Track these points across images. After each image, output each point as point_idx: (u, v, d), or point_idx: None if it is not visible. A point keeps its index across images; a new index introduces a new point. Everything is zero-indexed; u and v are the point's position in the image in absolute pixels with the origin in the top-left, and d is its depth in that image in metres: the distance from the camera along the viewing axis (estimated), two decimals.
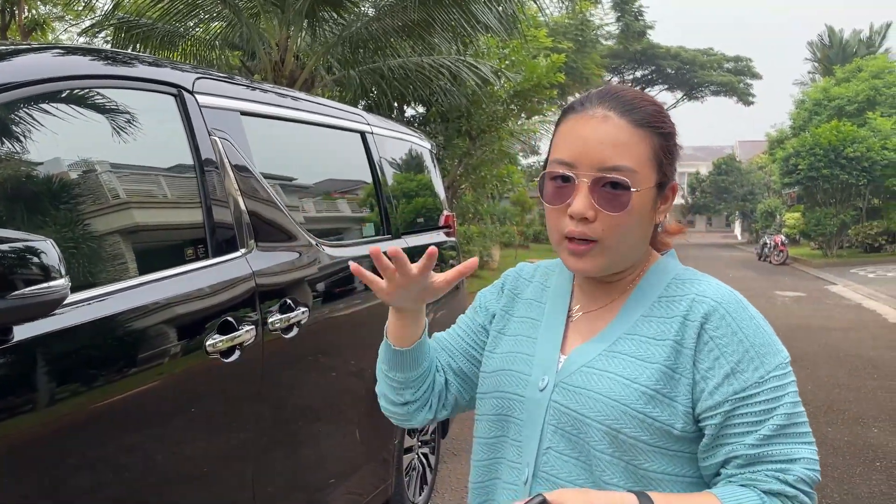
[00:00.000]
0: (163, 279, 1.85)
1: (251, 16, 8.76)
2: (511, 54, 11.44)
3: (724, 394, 1.01)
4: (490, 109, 11.35)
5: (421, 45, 9.44)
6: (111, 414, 1.65)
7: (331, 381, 2.65)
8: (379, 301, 3.02)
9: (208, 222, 2.07)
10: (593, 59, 23.59)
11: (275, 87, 2.76)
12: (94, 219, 1.77)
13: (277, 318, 2.23)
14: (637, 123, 1.06)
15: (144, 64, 2.03)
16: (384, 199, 3.30)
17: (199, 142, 2.07)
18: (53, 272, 1.34)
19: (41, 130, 1.65)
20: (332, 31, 9.49)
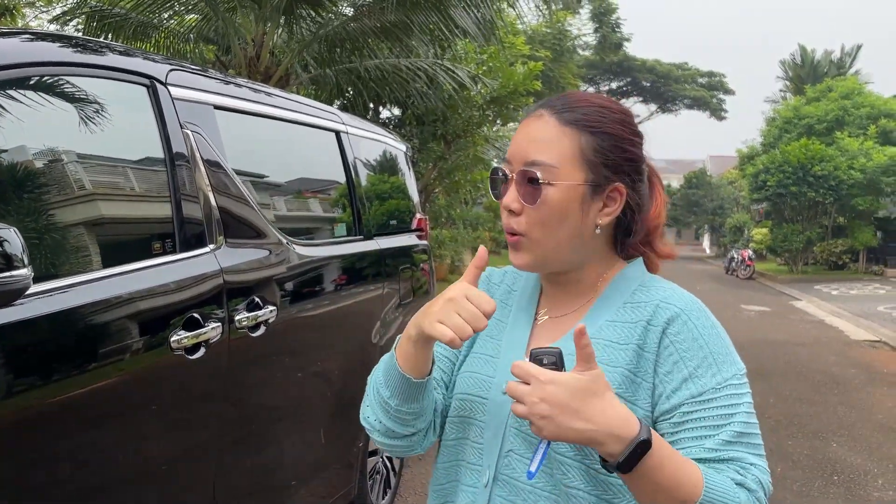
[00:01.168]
0: (128, 273, 1.82)
1: (227, 10, 8.66)
2: (489, 60, 11.48)
3: (681, 397, 1.02)
4: (466, 114, 11.37)
5: (398, 46, 9.42)
6: (70, 409, 1.61)
7: (296, 382, 2.62)
8: (347, 303, 3.02)
9: (177, 216, 2.03)
10: (570, 68, 23.75)
11: (250, 82, 2.73)
12: (60, 209, 1.73)
13: (244, 316, 2.20)
14: (565, 121, 1.08)
15: (117, 53, 1.99)
16: (357, 199, 3.28)
17: (171, 135, 2.04)
18: (16, 261, 1.30)
19: (7, 117, 1.60)
20: (310, 29, 9.42)
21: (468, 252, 16.96)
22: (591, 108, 1.10)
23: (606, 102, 1.14)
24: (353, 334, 3.10)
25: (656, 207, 1.18)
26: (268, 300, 2.35)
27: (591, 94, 1.17)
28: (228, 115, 2.37)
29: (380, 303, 3.35)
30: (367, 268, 3.26)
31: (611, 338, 1.07)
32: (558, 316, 1.16)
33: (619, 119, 1.11)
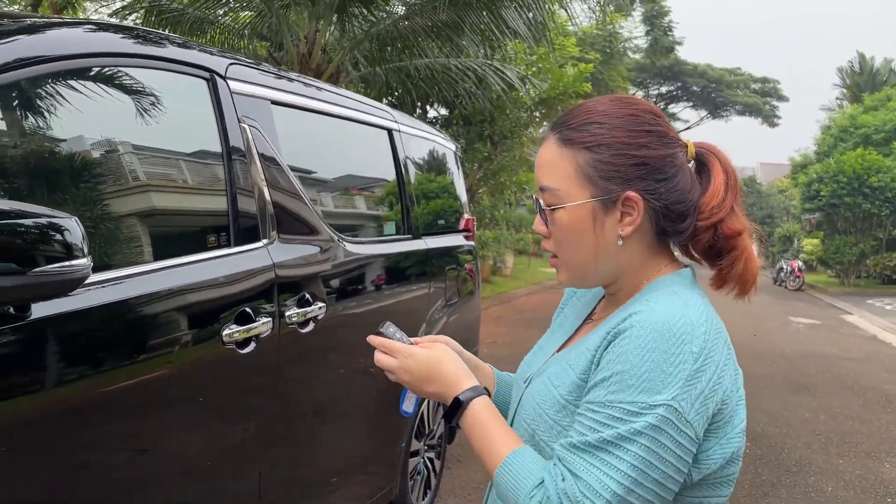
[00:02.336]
0: (184, 265, 1.82)
1: (282, 7, 8.76)
2: (538, 61, 11.40)
3: (583, 400, 1.01)
4: (513, 115, 11.31)
5: (448, 46, 9.41)
6: (122, 398, 1.62)
7: (342, 379, 2.62)
8: (394, 302, 3.00)
9: (232, 210, 2.04)
10: (619, 71, 23.48)
11: (305, 77, 2.73)
12: (118, 200, 1.75)
13: (295, 312, 2.20)
14: (562, 142, 1.08)
15: (177, 46, 2.00)
16: (406, 198, 3.27)
17: (229, 128, 2.04)
18: (76, 251, 1.30)
19: (68, 107, 1.62)
20: (361, 27, 9.49)
21: (510, 253, 16.90)
22: (590, 122, 1.08)
23: (611, 107, 1.10)
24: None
25: (713, 190, 1.10)
26: (317, 296, 2.34)
27: (598, 99, 1.13)
28: (284, 110, 2.37)
29: (426, 303, 3.33)
30: (415, 267, 3.25)
31: (587, 343, 1.07)
32: (597, 320, 1.18)
33: (622, 124, 1.07)
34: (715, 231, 1.09)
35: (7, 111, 1.49)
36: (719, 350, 0.99)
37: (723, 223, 1.09)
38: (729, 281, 1.12)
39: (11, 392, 1.36)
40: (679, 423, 0.94)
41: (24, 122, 1.53)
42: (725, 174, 1.11)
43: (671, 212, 1.07)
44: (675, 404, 0.94)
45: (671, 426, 0.94)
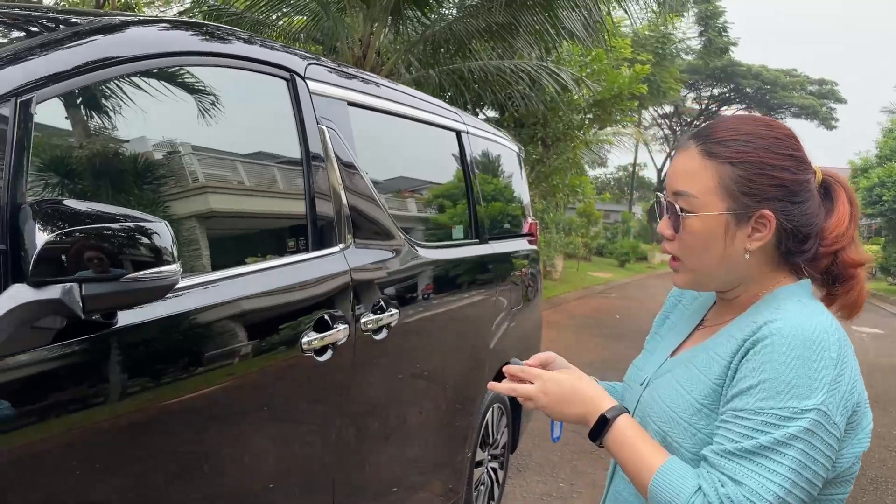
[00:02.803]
0: (266, 270, 1.78)
1: (338, 10, 8.80)
2: (592, 62, 11.24)
3: (730, 405, 1.05)
4: (567, 118, 11.17)
5: (502, 47, 9.33)
6: (202, 406, 1.58)
7: (411, 388, 2.55)
8: (463, 308, 2.93)
9: (311, 214, 1.99)
10: (672, 73, 23.09)
11: (378, 77, 2.68)
12: (196, 203, 1.71)
13: (370, 319, 2.14)
14: (706, 153, 1.13)
15: (258, 45, 1.95)
16: (474, 201, 3.19)
17: (308, 130, 1.99)
18: (166, 256, 1.26)
19: (148, 108, 1.58)
20: (415, 30, 9.48)
21: (560, 257, 16.72)
22: (736, 138, 1.13)
23: (757, 128, 1.15)
24: (468, 340, 3.01)
25: (837, 219, 1.17)
26: (391, 303, 2.28)
27: (742, 118, 1.19)
28: (359, 111, 2.32)
29: (493, 308, 3.25)
30: (482, 272, 3.17)
31: (717, 350, 1.12)
32: (713, 325, 1.24)
33: (767, 146, 1.13)
34: (835, 258, 1.16)
35: (88, 112, 1.45)
36: (850, 356, 1.06)
37: (844, 252, 1.16)
38: (839, 304, 1.19)
39: (91, 401, 1.32)
40: (828, 426, 1.01)
41: (104, 124, 1.50)
42: (850, 205, 1.19)
43: (798, 233, 1.14)
44: (823, 408, 1.00)
45: (822, 429, 1.00)
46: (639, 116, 23.52)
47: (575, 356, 8.15)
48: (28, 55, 1.32)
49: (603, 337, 9.88)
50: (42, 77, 1.29)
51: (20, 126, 1.23)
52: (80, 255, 1.14)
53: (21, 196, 1.21)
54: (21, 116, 1.23)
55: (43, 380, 1.21)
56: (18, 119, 1.23)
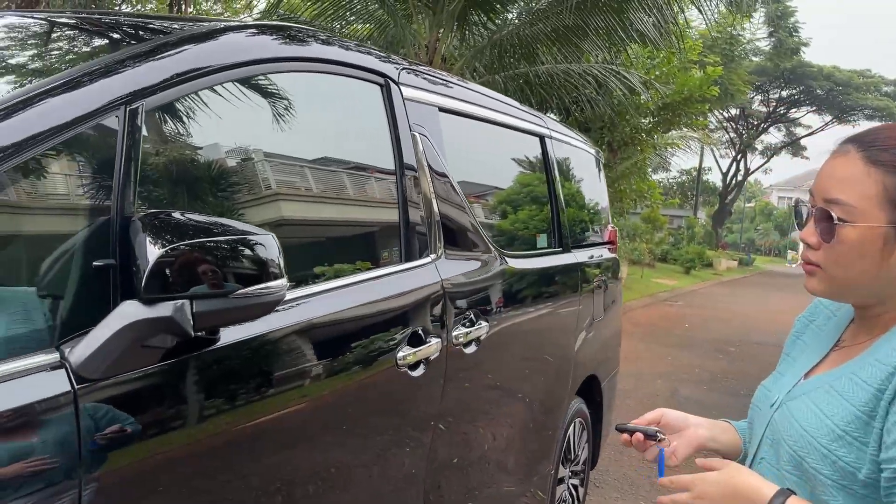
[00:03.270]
0: (360, 282, 1.72)
1: (404, 16, 8.80)
2: (660, 65, 10.98)
3: (894, 452, 0.97)
4: (634, 121, 10.93)
5: (569, 51, 9.18)
6: (301, 421, 1.52)
7: (498, 403, 2.46)
8: (548, 319, 2.83)
9: (403, 223, 1.92)
10: (740, 74, 22.47)
11: (465, 81, 2.60)
12: (292, 214, 1.66)
13: (461, 332, 2.06)
14: (870, 160, 1.06)
15: (353, 50, 1.90)
16: (558, 209, 3.09)
17: (401, 137, 1.93)
18: (273, 269, 1.20)
19: (241, 117, 1.54)
20: (481, 35, 9.42)
21: (624, 263, 16.40)
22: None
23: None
24: (552, 352, 2.91)
25: None
26: (481, 315, 2.20)
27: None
28: (449, 117, 2.25)
29: (575, 319, 3.14)
30: (566, 282, 3.06)
31: (861, 374, 1.06)
32: (851, 345, 1.17)
33: None
34: None
35: (182, 123, 1.41)
36: None
37: None
38: None
39: (194, 418, 1.27)
40: None
41: (197, 133, 1.46)
42: None
43: None
44: None
45: None
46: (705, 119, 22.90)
47: (644, 366, 7.96)
48: (132, 63, 1.28)
49: (671, 346, 9.61)
50: (148, 85, 1.26)
51: (128, 136, 1.19)
52: (191, 271, 1.08)
53: (130, 208, 1.17)
54: (129, 125, 1.20)
55: (150, 396, 1.17)
56: (127, 128, 1.19)
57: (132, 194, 1.18)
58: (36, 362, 1.01)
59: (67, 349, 1.05)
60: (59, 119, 1.11)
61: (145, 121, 1.24)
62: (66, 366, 1.03)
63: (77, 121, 1.13)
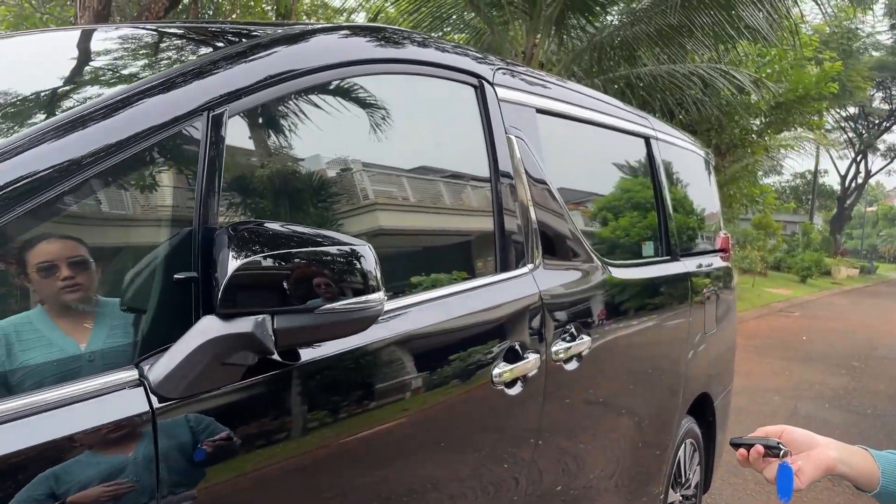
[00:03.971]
0: (454, 294, 1.62)
1: (500, 23, 8.73)
2: (773, 62, 10.40)
3: None
4: (744, 122, 10.40)
5: (672, 51, 8.84)
6: (396, 438, 1.44)
7: (602, 423, 2.31)
8: (656, 333, 2.65)
9: (499, 232, 1.82)
10: (858, 71, 21.09)
11: (563, 80, 2.47)
12: (384, 223, 1.59)
13: (562, 348, 1.93)
14: None
15: (446, 51, 1.82)
16: (665, 214, 2.90)
17: (496, 141, 1.83)
18: (371, 282, 1.12)
19: (332, 120, 1.48)
20: (579, 39, 9.23)
21: (735, 272, 15.65)
22: None
23: None
24: (660, 368, 2.72)
25: None
26: (583, 329, 2.06)
27: None
28: (546, 118, 2.13)
29: (685, 332, 2.93)
30: (675, 292, 2.87)
31: None
32: None
33: None
34: None
35: (269, 128, 1.36)
36: None
37: None
38: None
39: (285, 435, 1.21)
40: None
41: (286, 139, 1.40)
42: None
43: None
44: None
45: None
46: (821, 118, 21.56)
47: (759, 381, 7.50)
48: (215, 68, 1.24)
49: (788, 360, 9.04)
50: (234, 90, 1.21)
51: (212, 142, 1.14)
52: (274, 284, 1.02)
53: (214, 219, 1.12)
54: (213, 132, 1.15)
55: (235, 413, 1.11)
56: (210, 135, 1.14)
57: (216, 205, 1.13)
58: (114, 380, 0.97)
59: (147, 366, 1.00)
60: (142, 125, 1.08)
61: (230, 126, 1.19)
62: (144, 384, 0.99)
63: (158, 128, 1.09)
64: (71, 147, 1.00)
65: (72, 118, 1.04)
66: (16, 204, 0.93)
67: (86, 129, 1.03)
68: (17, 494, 0.84)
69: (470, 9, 8.71)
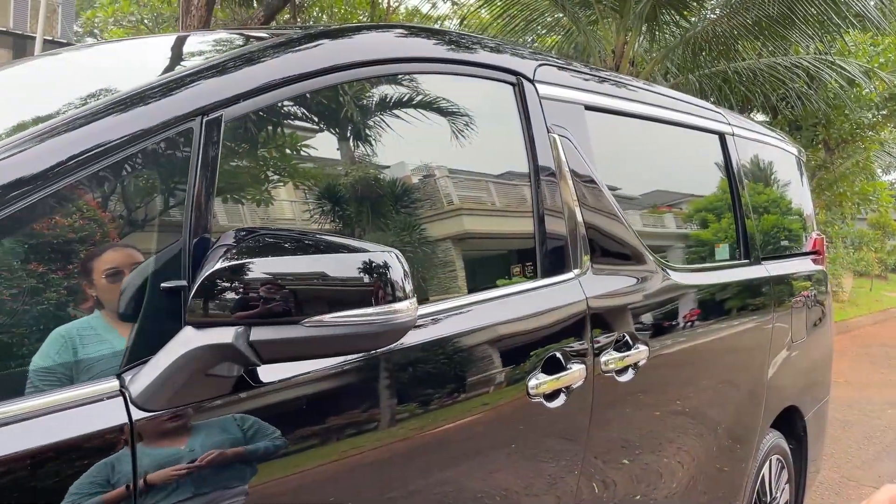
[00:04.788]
0: (487, 301, 1.54)
1: (589, 23, 8.54)
2: (886, 52, 9.68)
3: None
4: (854, 116, 9.72)
5: (773, 43, 8.37)
6: (426, 450, 1.38)
7: (664, 439, 2.16)
8: (730, 344, 2.47)
9: (539, 235, 1.72)
10: None
11: (618, 75, 2.35)
12: (426, 226, 1.53)
13: (612, 357, 1.81)
14: None
15: (485, 48, 1.74)
16: (742, 216, 2.70)
17: (536, 140, 1.74)
18: (398, 291, 1.04)
19: (368, 117, 1.44)
20: (672, 35, 8.91)
21: (848, 275, 14.66)
22: None
23: None
24: (737, 379, 2.53)
25: None
26: (638, 338, 1.93)
27: None
28: (597, 115, 2.01)
29: (768, 340, 2.72)
30: (754, 298, 2.67)
31: None
32: None
33: None
34: None
35: (311, 118, 1.34)
36: None
37: None
38: None
39: (302, 445, 1.17)
40: None
41: (322, 131, 1.37)
42: None
43: None
44: None
45: None
46: None
47: (872, 393, 6.95)
48: (211, 73, 1.22)
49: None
50: (241, 91, 1.19)
51: (205, 144, 1.12)
52: (254, 291, 0.98)
53: (208, 225, 1.10)
54: (206, 134, 1.13)
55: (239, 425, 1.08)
56: (204, 136, 1.12)
57: (207, 208, 1.10)
58: (94, 391, 0.96)
59: (129, 377, 0.98)
60: (132, 128, 1.07)
61: (232, 127, 1.16)
62: (124, 395, 0.97)
63: (156, 129, 1.08)
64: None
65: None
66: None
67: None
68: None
69: (558, 9, 8.56)
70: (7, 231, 0.94)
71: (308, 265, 1.02)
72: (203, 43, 1.62)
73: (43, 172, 0.97)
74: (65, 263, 0.98)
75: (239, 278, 0.96)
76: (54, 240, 0.98)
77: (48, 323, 0.95)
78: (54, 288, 0.96)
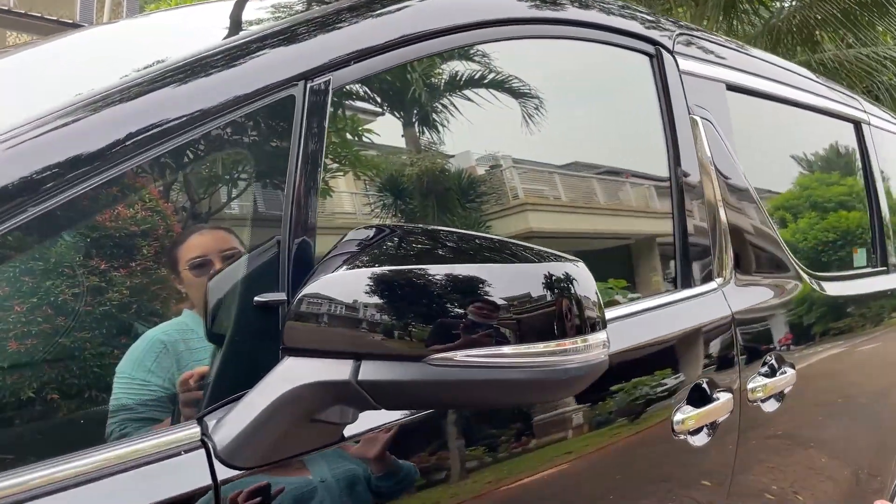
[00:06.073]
0: (621, 318, 1.27)
1: (664, 11, 8.16)
2: None
3: None
4: None
5: (862, 32, 7.86)
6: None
7: (813, 476, 1.85)
8: (876, 361, 2.14)
9: (679, 238, 1.44)
10: None
11: (760, 51, 2.03)
12: (535, 224, 1.27)
13: (759, 385, 1.52)
14: None
15: (622, 14, 1.45)
16: (879, 215, 2.36)
17: (678, 123, 1.45)
18: (591, 317, 0.75)
19: (499, 86, 1.18)
20: (752, 24, 8.48)
21: None
22: None
23: None
24: (886, 405, 2.20)
25: None
26: (785, 360, 1.63)
27: None
28: (739, 97, 1.71)
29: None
30: (893, 311, 2.32)
31: None
32: None
33: None
34: None
35: (382, 102, 1.08)
36: None
37: None
38: None
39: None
40: None
41: (408, 117, 1.12)
42: None
43: None
44: None
45: None
46: None
47: None
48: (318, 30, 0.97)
49: None
50: (338, 57, 0.93)
51: (309, 120, 0.87)
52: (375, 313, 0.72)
53: (312, 220, 0.85)
54: (309, 105, 0.88)
55: None
56: (308, 109, 0.87)
57: (311, 197, 0.85)
58: (169, 440, 0.72)
59: (212, 422, 0.74)
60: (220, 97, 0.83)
61: (334, 101, 0.91)
62: (207, 446, 0.73)
63: (248, 97, 0.83)
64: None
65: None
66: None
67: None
68: None
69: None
70: (65, 221, 0.71)
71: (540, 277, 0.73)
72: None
73: (107, 148, 0.74)
74: (141, 258, 0.75)
75: (411, 294, 0.68)
76: (116, 233, 0.75)
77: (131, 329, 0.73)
78: (126, 288, 0.73)
